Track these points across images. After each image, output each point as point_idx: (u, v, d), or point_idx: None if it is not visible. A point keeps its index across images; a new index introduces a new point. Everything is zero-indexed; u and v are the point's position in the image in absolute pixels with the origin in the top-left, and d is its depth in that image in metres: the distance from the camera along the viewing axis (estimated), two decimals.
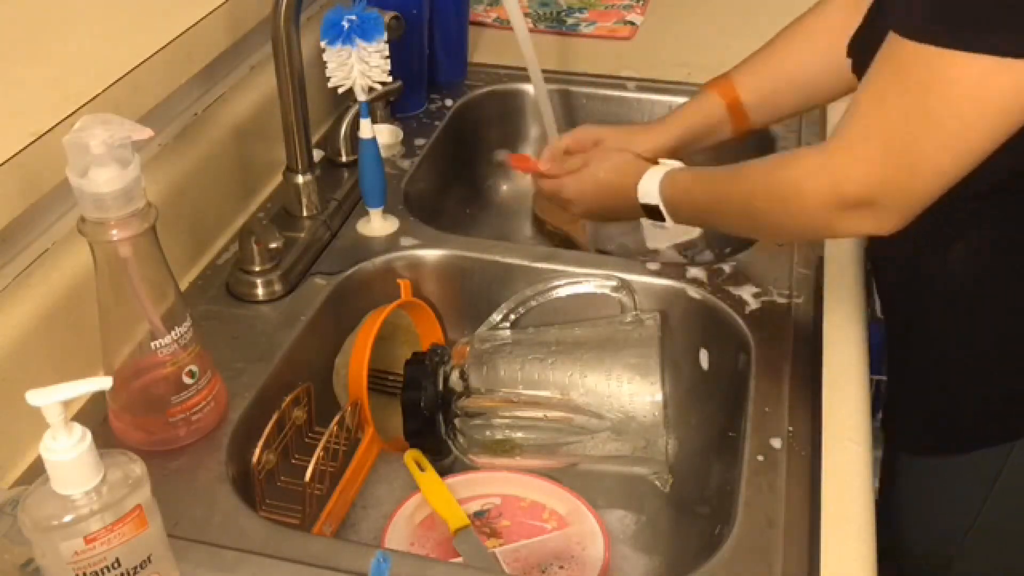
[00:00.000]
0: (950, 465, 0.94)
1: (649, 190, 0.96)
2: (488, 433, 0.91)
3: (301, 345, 0.92)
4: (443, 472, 0.95)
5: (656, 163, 1.00)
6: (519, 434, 0.90)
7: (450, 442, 0.91)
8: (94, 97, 0.82)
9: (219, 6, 0.98)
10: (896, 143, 0.72)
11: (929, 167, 0.72)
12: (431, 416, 0.90)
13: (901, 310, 0.97)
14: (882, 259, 0.97)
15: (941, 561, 0.99)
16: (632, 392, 0.88)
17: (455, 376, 0.91)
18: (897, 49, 0.71)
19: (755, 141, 1.23)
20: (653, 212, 0.97)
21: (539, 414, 0.90)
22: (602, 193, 1.03)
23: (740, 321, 0.94)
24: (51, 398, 0.57)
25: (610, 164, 1.03)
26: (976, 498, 0.92)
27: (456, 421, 0.90)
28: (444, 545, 0.87)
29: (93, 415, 0.80)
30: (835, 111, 1.26)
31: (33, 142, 0.76)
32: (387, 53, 0.96)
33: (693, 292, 0.98)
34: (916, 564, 1.03)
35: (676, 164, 1.00)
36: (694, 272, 0.99)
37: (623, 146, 1.06)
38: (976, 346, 0.87)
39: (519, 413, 0.90)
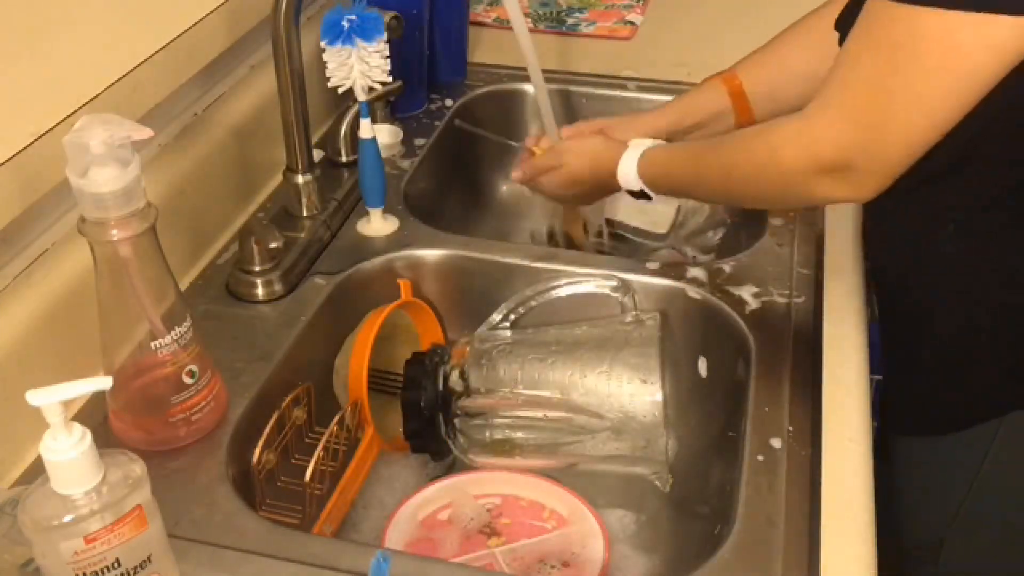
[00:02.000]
0: (941, 444, 0.94)
1: (628, 176, 0.98)
2: (488, 433, 0.91)
3: (301, 345, 0.92)
4: (443, 472, 0.95)
5: (626, 146, 1.00)
6: (519, 434, 0.90)
7: (450, 442, 0.91)
8: (94, 97, 0.82)
9: (219, 6, 0.98)
10: (867, 103, 0.73)
11: (900, 128, 0.72)
12: (431, 416, 0.90)
13: (892, 289, 0.97)
14: (874, 238, 0.97)
15: (932, 544, 0.99)
16: (632, 392, 0.88)
17: (455, 376, 0.91)
18: (870, 10, 0.72)
19: None
20: (638, 194, 0.99)
21: (539, 414, 0.90)
22: (581, 185, 1.06)
23: (740, 321, 0.94)
24: (51, 398, 0.57)
25: (584, 157, 1.05)
26: (966, 477, 0.93)
27: (456, 421, 0.90)
28: (446, 544, 0.87)
29: (93, 415, 0.80)
30: None
31: (33, 142, 0.76)
32: (387, 53, 0.96)
33: (693, 292, 0.98)
34: (908, 549, 1.03)
35: (648, 142, 1.00)
36: (694, 272, 0.99)
37: (621, 134, 1.06)
38: (964, 322, 0.88)
39: (519, 413, 0.90)
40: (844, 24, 0.86)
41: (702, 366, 0.99)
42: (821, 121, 0.77)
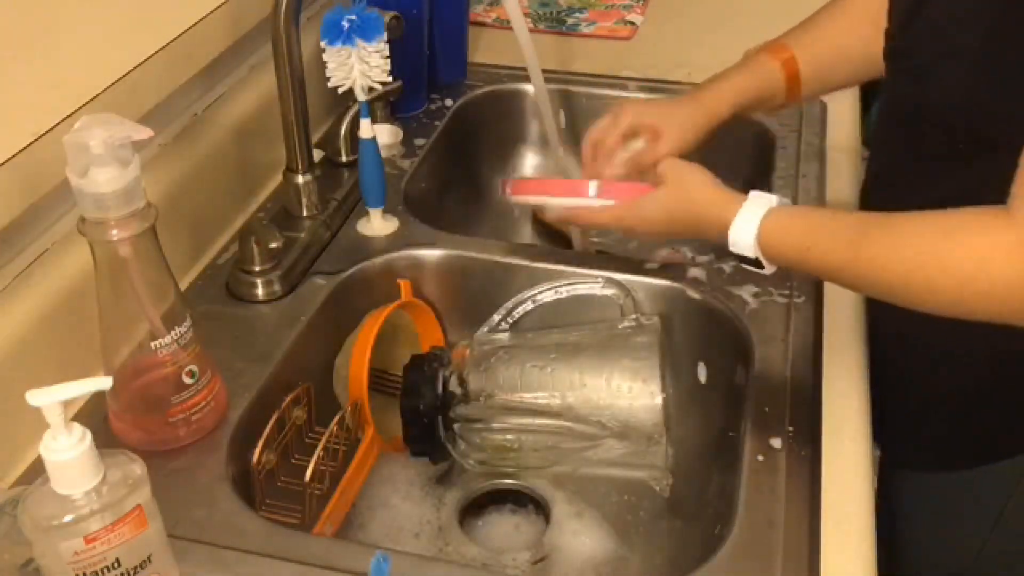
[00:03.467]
0: (962, 480, 0.92)
1: (743, 241, 0.80)
2: (488, 438, 0.90)
3: (301, 345, 0.92)
4: (445, 472, 0.95)
5: (741, 199, 0.83)
6: (519, 440, 0.90)
7: (450, 447, 0.91)
8: (94, 97, 0.82)
9: (219, 6, 0.98)
10: None
11: None
12: (430, 422, 0.90)
13: (894, 326, 0.93)
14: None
15: None
16: (632, 397, 0.88)
17: (454, 381, 0.91)
18: None
19: (751, 138, 1.23)
20: (750, 263, 0.83)
21: (539, 421, 0.89)
22: (677, 224, 0.88)
23: (740, 321, 0.94)
24: (51, 398, 0.57)
25: (684, 195, 0.87)
26: (990, 513, 0.91)
27: (455, 426, 0.90)
28: None
29: (93, 415, 0.80)
30: (835, 109, 1.27)
31: (33, 142, 0.76)
32: (387, 53, 0.96)
33: (693, 292, 0.98)
34: None
35: (771, 200, 0.82)
36: (694, 272, 0.99)
37: (676, 128, 0.94)
38: (989, 354, 0.86)
39: (519, 420, 0.90)
40: (894, 48, 0.83)
41: (701, 373, 0.99)
42: None
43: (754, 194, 0.82)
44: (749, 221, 0.80)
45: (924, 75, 0.82)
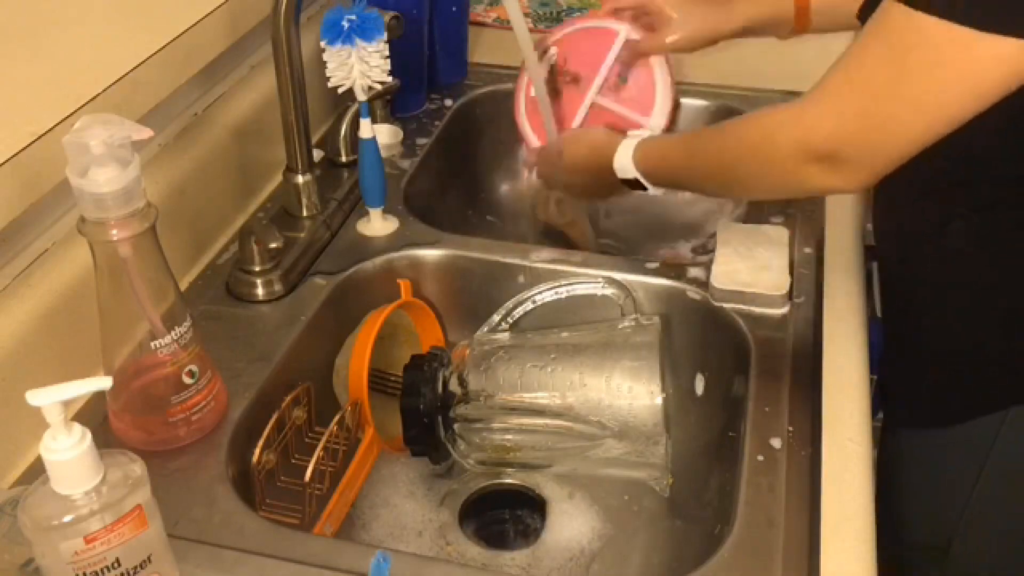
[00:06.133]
0: (946, 436, 0.94)
1: (624, 164, 0.98)
2: (488, 438, 0.90)
3: (301, 345, 0.92)
4: (445, 471, 0.95)
5: (625, 135, 1.02)
6: (519, 439, 0.90)
7: (449, 447, 0.91)
8: (94, 97, 0.82)
9: (219, 6, 0.98)
10: (869, 99, 0.74)
11: (899, 128, 0.73)
12: (430, 423, 0.90)
13: (899, 281, 0.97)
14: (884, 231, 0.97)
15: (939, 546, 0.99)
16: (632, 397, 0.88)
17: (454, 381, 0.91)
18: (888, 10, 0.72)
19: None
20: (634, 184, 0.99)
21: (539, 421, 0.89)
22: (584, 175, 1.06)
23: (740, 321, 0.94)
24: (51, 398, 0.57)
25: (583, 146, 1.07)
26: (971, 470, 0.92)
27: (456, 427, 0.90)
28: None
29: (93, 415, 0.80)
30: None
31: (33, 142, 0.76)
32: (387, 53, 0.96)
33: (693, 292, 0.98)
34: (915, 550, 1.03)
35: (646, 133, 1.03)
36: (694, 272, 0.99)
37: (688, 19, 1.10)
38: (970, 317, 0.88)
39: (519, 420, 0.90)
40: (865, 14, 0.86)
41: (699, 384, 0.99)
42: (818, 109, 0.77)
43: (632, 131, 1.04)
44: (628, 147, 0.98)
45: None
